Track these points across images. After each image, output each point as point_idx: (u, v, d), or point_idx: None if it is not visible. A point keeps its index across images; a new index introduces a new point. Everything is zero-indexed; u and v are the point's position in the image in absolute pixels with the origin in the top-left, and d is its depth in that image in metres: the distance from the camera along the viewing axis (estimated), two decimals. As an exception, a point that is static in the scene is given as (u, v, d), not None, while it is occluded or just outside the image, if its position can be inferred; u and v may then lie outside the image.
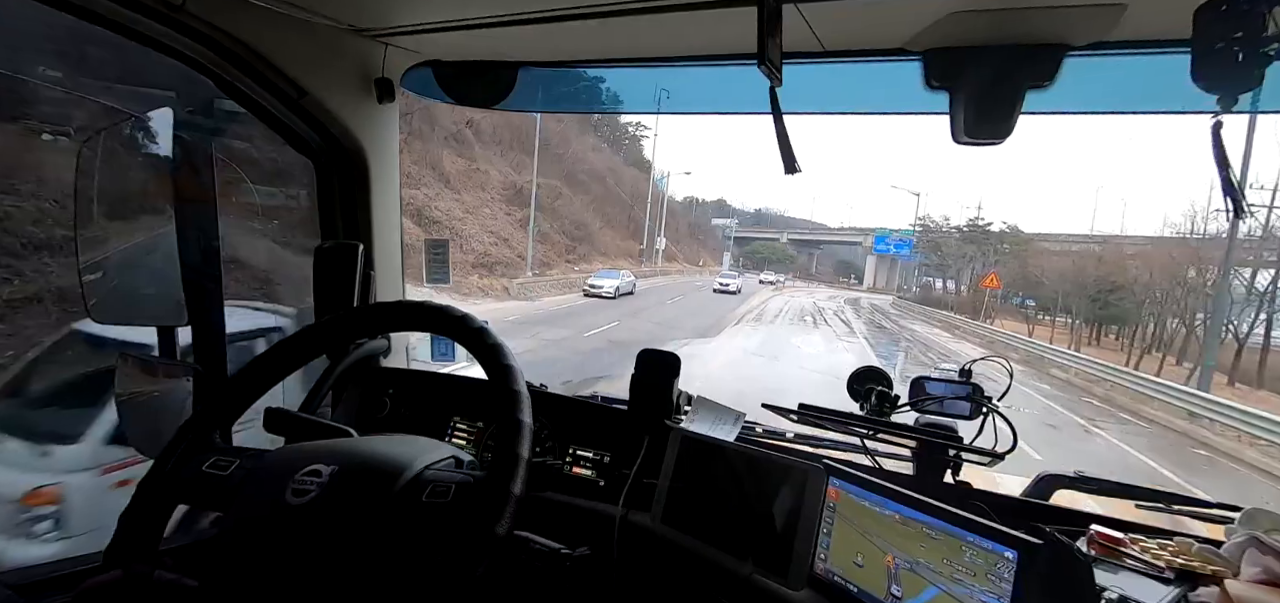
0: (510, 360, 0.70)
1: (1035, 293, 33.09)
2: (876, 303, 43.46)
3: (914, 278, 53.53)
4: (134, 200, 1.38)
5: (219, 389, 0.76)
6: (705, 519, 1.06)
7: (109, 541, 0.67)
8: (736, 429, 1.18)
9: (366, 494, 0.62)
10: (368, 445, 0.70)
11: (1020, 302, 34.40)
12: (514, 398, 0.67)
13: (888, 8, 0.94)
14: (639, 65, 1.30)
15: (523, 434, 0.65)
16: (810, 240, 75.26)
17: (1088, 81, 1.03)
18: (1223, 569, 0.83)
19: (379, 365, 1.50)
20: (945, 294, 44.35)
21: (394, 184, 1.50)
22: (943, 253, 43.82)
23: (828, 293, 50.59)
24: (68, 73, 3.47)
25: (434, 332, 0.78)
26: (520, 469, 0.62)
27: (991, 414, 1.13)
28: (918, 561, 0.82)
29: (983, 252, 39.43)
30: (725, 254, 60.02)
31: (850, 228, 72.51)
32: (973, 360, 1.26)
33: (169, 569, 0.66)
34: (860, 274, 66.01)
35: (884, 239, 53.48)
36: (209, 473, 0.68)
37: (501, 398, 0.67)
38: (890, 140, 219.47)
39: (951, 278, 45.00)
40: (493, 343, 0.71)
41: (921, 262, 48.76)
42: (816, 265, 74.11)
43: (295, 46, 1.18)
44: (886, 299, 48.76)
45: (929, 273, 49.22)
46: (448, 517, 0.61)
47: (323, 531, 0.60)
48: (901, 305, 41.57)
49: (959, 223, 43.53)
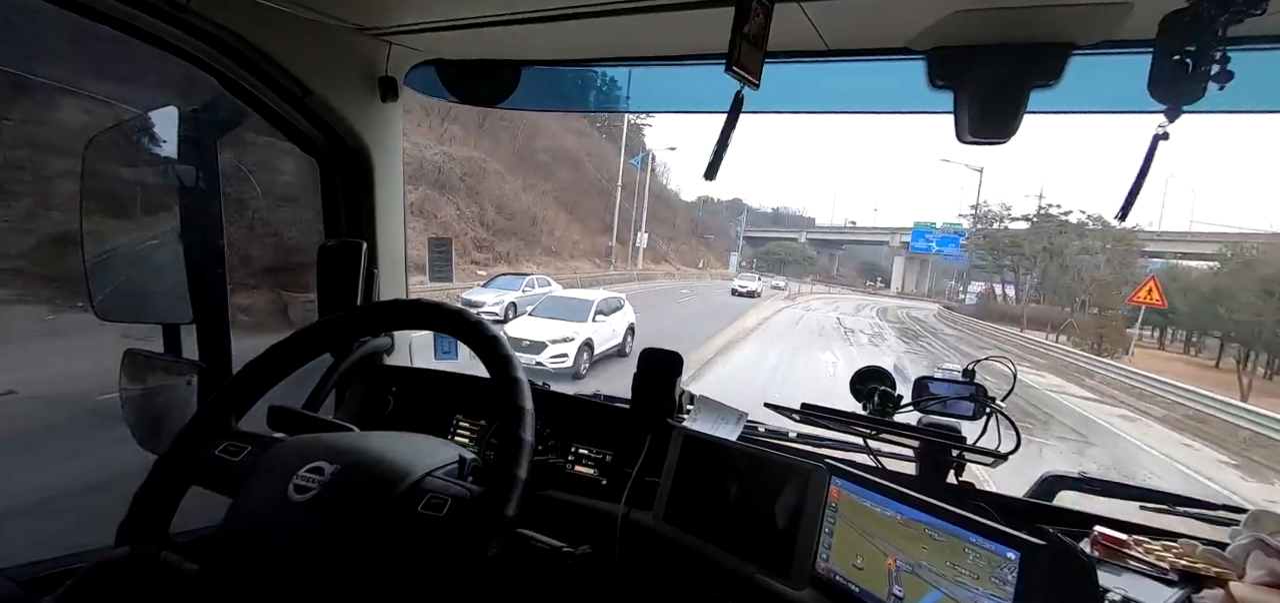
0: (508, 352, 0.71)
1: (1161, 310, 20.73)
2: (916, 314, 33.07)
3: (957, 281, 46.79)
4: (139, 199, 1.39)
5: (235, 376, 0.77)
6: (707, 518, 1.06)
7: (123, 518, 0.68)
8: (739, 428, 1.18)
9: (364, 498, 0.63)
10: (373, 445, 0.70)
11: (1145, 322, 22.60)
12: (513, 385, 0.68)
13: (892, 7, 0.94)
14: (644, 64, 1.30)
15: (524, 420, 0.66)
16: (831, 240, 67.66)
17: (1093, 80, 1.02)
18: (1227, 571, 0.82)
19: (382, 363, 1.50)
20: (1006, 304, 34.05)
21: (397, 183, 1.50)
22: (1003, 251, 33.58)
23: (853, 301, 39.55)
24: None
25: (435, 329, 0.78)
26: (516, 491, 0.62)
27: (995, 414, 1.12)
28: (919, 561, 0.82)
29: (1054, 251, 29.74)
30: (733, 255, 53.06)
31: (875, 227, 65.21)
32: (976, 360, 1.26)
33: (175, 552, 0.67)
34: (887, 277, 58.44)
35: (924, 234, 42.08)
36: (221, 457, 0.70)
37: (501, 387, 0.68)
38: (912, 133, 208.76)
39: (1007, 281, 35.37)
40: (490, 335, 0.72)
41: (972, 262, 38.89)
42: (838, 267, 66.49)
43: (300, 45, 1.19)
44: (924, 307, 39.62)
45: (984, 274, 38.40)
46: (440, 532, 0.61)
47: (319, 530, 0.60)
48: (953, 319, 31.00)
49: (1024, 212, 34.16)
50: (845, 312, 28.53)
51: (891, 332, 22.01)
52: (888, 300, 44.67)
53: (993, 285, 37.57)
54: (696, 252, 47.86)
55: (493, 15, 1.11)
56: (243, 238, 3.77)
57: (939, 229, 41.68)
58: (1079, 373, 16.08)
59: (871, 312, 30.72)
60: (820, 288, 49.07)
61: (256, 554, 0.61)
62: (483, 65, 1.38)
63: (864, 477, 0.93)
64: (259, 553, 0.61)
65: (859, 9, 0.95)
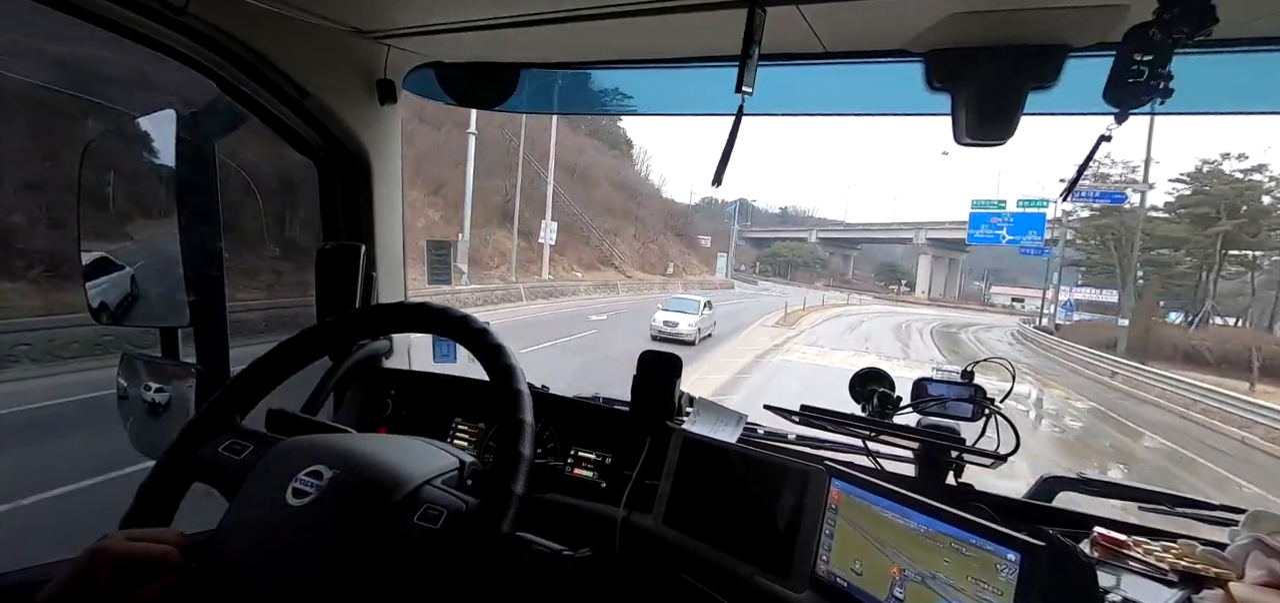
0: (511, 360, 0.70)
1: None
2: (980, 336, 22.61)
3: (985, 281, 38.26)
4: (137, 201, 1.38)
5: (239, 375, 0.78)
6: (707, 521, 1.06)
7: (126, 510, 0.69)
8: (738, 431, 1.18)
9: (362, 506, 0.62)
10: (372, 450, 0.69)
11: None
12: (515, 397, 0.68)
13: (890, 9, 0.94)
14: (643, 67, 1.30)
15: (524, 434, 0.65)
16: (845, 238, 59.31)
17: (1090, 82, 1.02)
18: (1227, 572, 0.82)
19: (381, 367, 1.50)
20: (1153, 324, 18.82)
21: (396, 185, 1.50)
22: (1117, 242, 21.08)
23: (883, 317, 27.80)
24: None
25: (436, 333, 0.78)
26: (512, 508, 0.62)
27: (994, 415, 1.12)
28: (918, 562, 0.82)
29: (1237, 238, 17.22)
30: (720, 257, 42.45)
31: (894, 222, 57.38)
32: (975, 361, 1.26)
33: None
34: (911, 280, 50.35)
35: (986, 218, 23.64)
36: (224, 455, 0.71)
37: (503, 398, 0.68)
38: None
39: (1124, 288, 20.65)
40: (494, 343, 0.72)
41: (1063, 260, 24.52)
42: (853, 269, 58.60)
43: (297, 48, 1.19)
44: (992, 327, 26.70)
45: (1091, 276, 25.50)
46: (435, 545, 0.61)
47: (315, 537, 0.60)
48: (1073, 354, 17.51)
49: (1177, 175, 19.16)
50: (876, 329, 19.56)
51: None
52: (916, 307, 35.34)
53: (1096, 293, 24.32)
54: (666, 255, 37.88)
55: (492, 18, 1.11)
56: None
57: (1006, 213, 22.68)
58: None
59: (924, 335, 20.33)
60: (835, 298, 36.93)
61: (252, 556, 0.61)
62: (482, 68, 1.38)
63: (863, 478, 0.93)
64: (255, 556, 0.61)
65: (856, 12, 0.95)
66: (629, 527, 1.12)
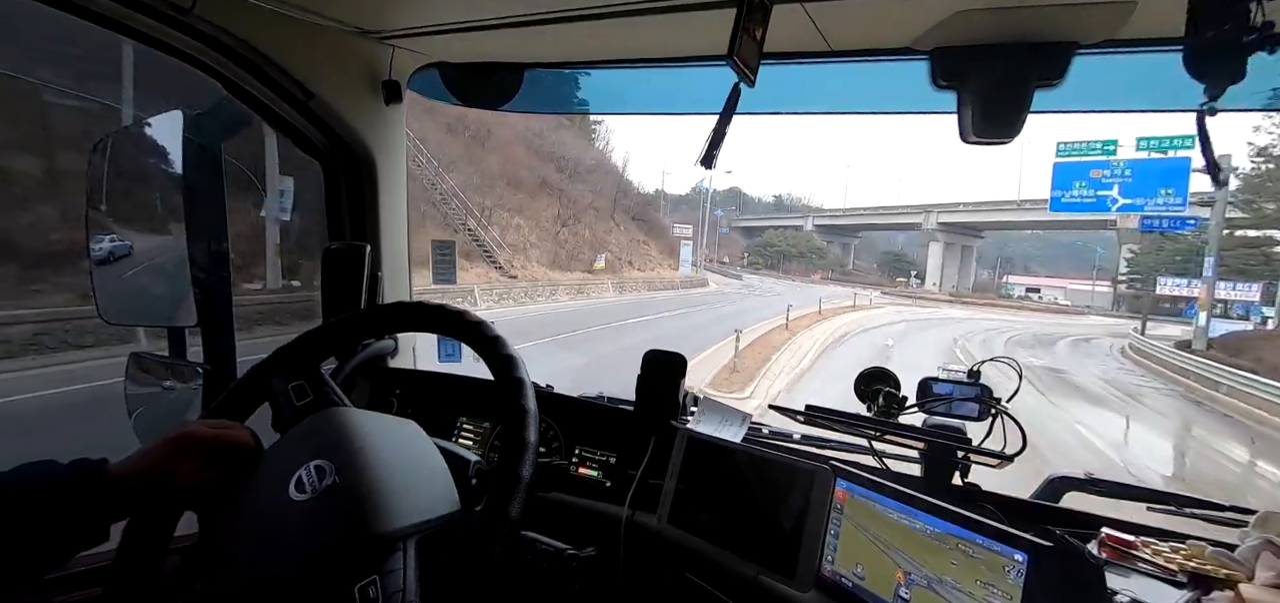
0: (511, 352, 0.71)
1: None
2: (1088, 366, 14.26)
3: (995, 273, 32.82)
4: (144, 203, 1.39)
5: (242, 378, 0.79)
6: (711, 520, 1.06)
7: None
8: (743, 430, 1.17)
9: (346, 531, 0.60)
10: (375, 459, 0.65)
11: None
12: (517, 386, 0.68)
13: (894, 7, 0.93)
14: (646, 66, 1.30)
15: (528, 421, 0.65)
16: (844, 225, 52.62)
17: (1097, 79, 1.02)
18: (1237, 573, 0.81)
19: (386, 366, 1.50)
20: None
21: (401, 185, 1.50)
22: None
23: (908, 326, 20.29)
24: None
25: (439, 332, 0.78)
26: (520, 491, 0.61)
27: (1000, 415, 1.12)
28: (924, 562, 0.81)
29: None
30: (684, 247, 34.29)
31: (898, 207, 48.17)
32: (980, 361, 1.25)
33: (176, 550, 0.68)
34: (920, 271, 43.94)
35: (1083, 171, 13.22)
36: (291, 392, 0.74)
37: (505, 387, 0.68)
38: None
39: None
40: (492, 336, 0.72)
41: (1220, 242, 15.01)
42: (854, 259, 54.07)
43: (303, 49, 1.19)
44: (1069, 336, 19.77)
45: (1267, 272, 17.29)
46: (442, 535, 0.62)
47: (300, 537, 0.59)
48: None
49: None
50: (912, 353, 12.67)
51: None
52: (950, 311, 26.15)
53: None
54: (604, 243, 27.75)
55: (495, 18, 1.11)
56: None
57: (1119, 162, 13.79)
58: None
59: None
60: (838, 292, 30.55)
61: (250, 547, 0.61)
62: (485, 68, 1.39)
63: (868, 478, 0.92)
64: (253, 546, 0.61)
65: (861, 10, 0.95)
66: (633, 526, 1.12)
